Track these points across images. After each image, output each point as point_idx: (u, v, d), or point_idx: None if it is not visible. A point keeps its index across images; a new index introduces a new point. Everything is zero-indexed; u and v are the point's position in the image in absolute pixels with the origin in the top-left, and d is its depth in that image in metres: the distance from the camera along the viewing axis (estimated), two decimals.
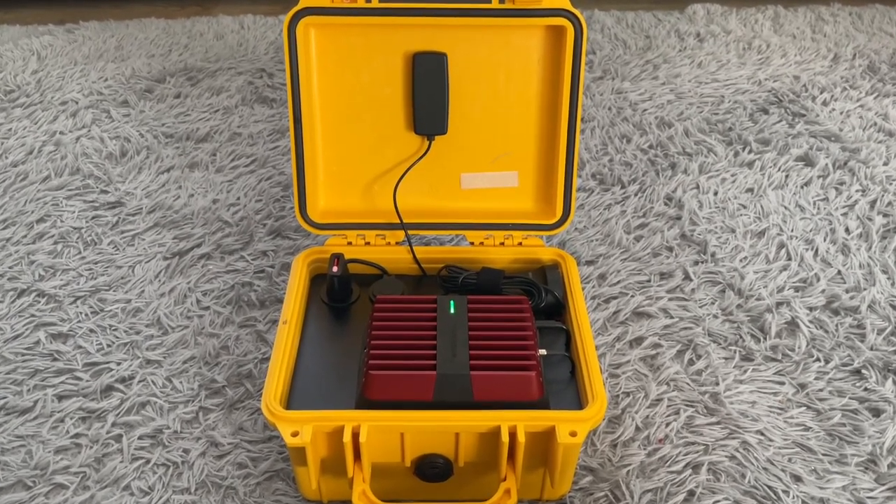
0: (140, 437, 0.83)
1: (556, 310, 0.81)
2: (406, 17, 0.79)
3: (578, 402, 0.73)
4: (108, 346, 0.93)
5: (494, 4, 0.79)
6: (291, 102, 0.82)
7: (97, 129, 1.31)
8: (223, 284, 1.01)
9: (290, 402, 0.73)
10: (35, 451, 0.81)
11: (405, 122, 0.85)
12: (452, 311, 0.74)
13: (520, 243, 0.87)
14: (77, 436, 0.83)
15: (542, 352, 0.73)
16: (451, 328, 0.72)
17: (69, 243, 1.08)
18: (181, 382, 0.88)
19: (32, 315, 0.97)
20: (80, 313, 0.97)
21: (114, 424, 0.84)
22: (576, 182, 0.85)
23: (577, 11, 0.79)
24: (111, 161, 1.24)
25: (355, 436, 0.66)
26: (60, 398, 0.87)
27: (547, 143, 0.86)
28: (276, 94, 1.41)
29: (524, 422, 0.67)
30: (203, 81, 1.45)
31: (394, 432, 0.68)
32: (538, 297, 0.79)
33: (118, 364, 0.90)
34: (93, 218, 1.13)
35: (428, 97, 0.83)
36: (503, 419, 0.67)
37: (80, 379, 0.89)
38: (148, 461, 0.80)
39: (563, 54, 0.81)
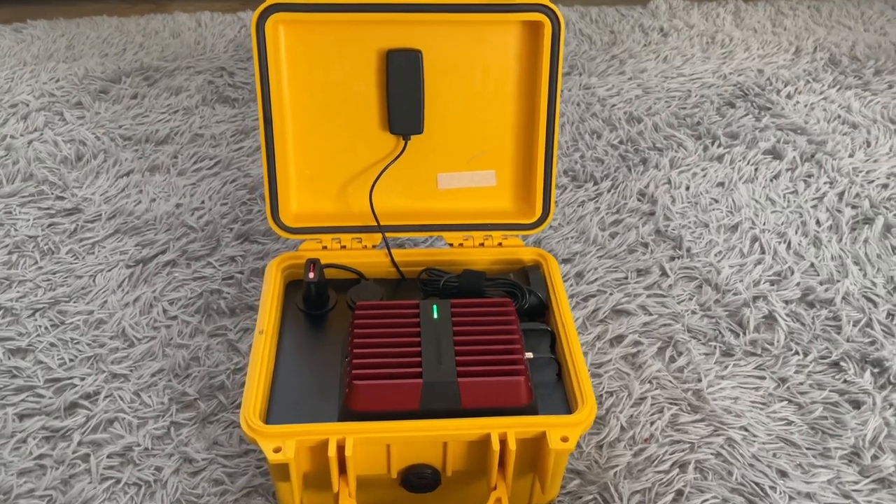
0: (109, 456, 0.79)
1: (539, 311, 0.80)
2: (379, 13, 0.77)
3: (566, 405, 0.72)
4: (71, 360, 0.89)
5: (470, 0, 0.77)
6: (261, 102, 0.78)
7: (50, 133, 1.25)
8: (190, 292, 0.98)
9: (270, 415, 0.70)
10: None
11: (379, 122, 0.82)
12: (436, 316, 0.72)
13: (499, 244, 0.85)
14: (41, 457, 0.79)
15: (529, 355, 0.72)
16: (436, 334, 0.70)
17: (25, 253, 1.03)
18: (150, 397, 0.85)
19: None
20: (40, 326, 0.93)
21: (80, 443, 0.80)
22: (555, 180, 0.84)
23: (554, 7, 0.77)
24: (66, 165, 1.19)
25: (340, 449, 0.64)
26: (21, 417, 0.82)
27: (524, 141, 0.84)
28: (238, 93, 1.37)
29: (514, 428, 0.65)
30: (161, 81, 1.40)
31: (380, 444, 0.65)
32: (521, 298, 0.78)
33: (82, 379, 0.86)
34: (49, 226, 1.08)
35: (403, 96, 0.80)
36: (493, 426, 0.65)
37: (42, 396, 0.84)
38: (118, 481, 0.76)
39: (540, 50, 0.79)
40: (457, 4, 0.77)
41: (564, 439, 0.65)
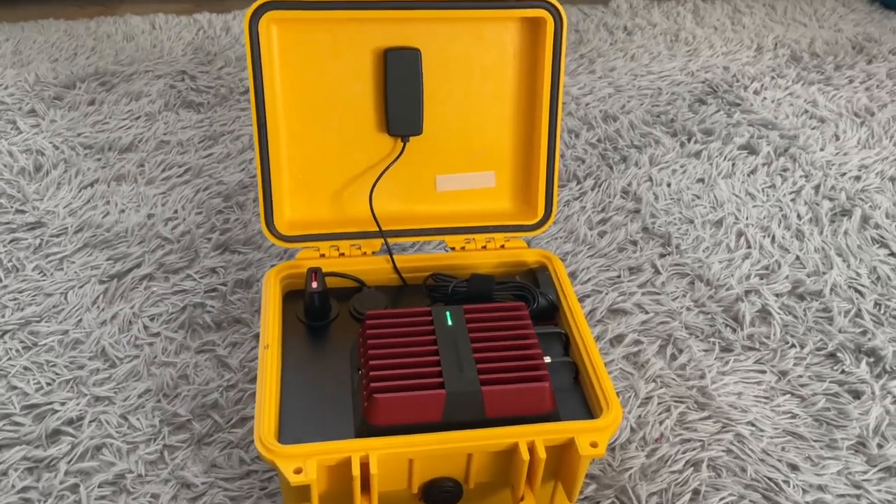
0: (100, 486, 0.74)
1: (548, 313, 0.78)
2: (376, 10, 0.74)
3: (585, 408, 0.70)
4: (49, 384, 0.83)
5: None
6: (254, 104, 0.75)
7: (4, 143, 1.18)
8: (172, 307, 0.93)
9: (282, 434, 0.66)
10: None
11: (376, 123, 0.79)
12: (450, 322, 0.69)
13: (502, 246, 0.83)
14: (25, 489, 0.73)
15: (546, 359, 0.70)
16: (453, 341, 0.67)
17: None
18: (139, 419, 0.80)
19: None
20: (11, 349, 0.86)
21: (67, 473, 0.74)
22: (557, 179, 0.82)
23: (555, 2, 0.76)
24: (24, 177, 1.12)
25: (364, 466, 0.61)
26: (0, 448, 0.77)
27: (524, 141, 0.82)
28: (202, 97, 1.32)
29: (543, 436, 0.63)
30: (119, 86, 1.34)
31: (403, 459, 0.63)
32: (532, 301, 0.76)
33: (63, 404, 0.81)
34: (11, 241, 1.01)
35: (401, 96, 0.78)
36: (520, 435, 0.63)
37: (20, 424, 0.79)
38: None
39: (541, 47, 0.77)
40: (455, 1, 0.75)
41: (594, 444, 0.63)
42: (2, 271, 0.97)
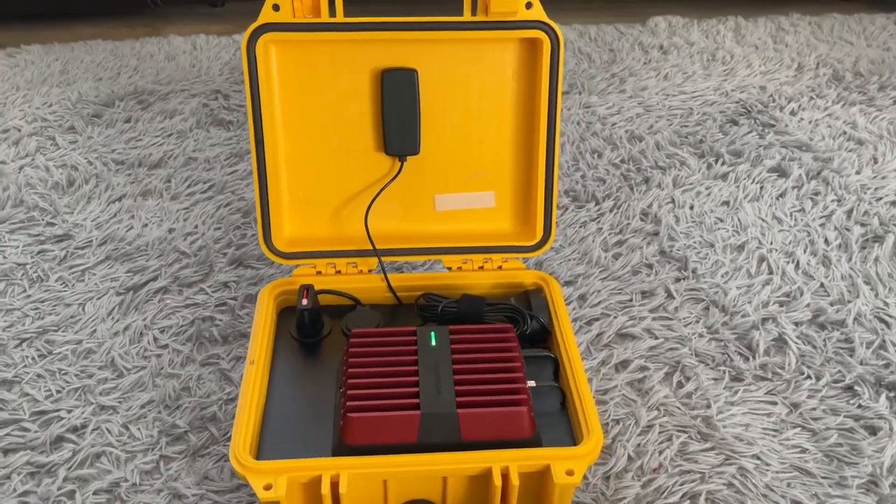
0: (95, 493, 0.75)
1: (541, 336, 0.77)
2: (373, 31, 0.75)
3: (571, 435, 0.69)
4: (58, 392, 0.86)
5: (466, 17, 0.75)
6: (252, 124, 0.76)
7: (42, 158, 1.23)
8: (182, 320, 0.95)
9: (261, 449, 0.67)
10: None
11: (374, 143, 0.80)
12: (434, 343, 0.69)
13: (499, 267, 0.82)
14: (25, 493, 0.75)
15: (531, 383, 0.69)
16: (434, 362, 0.67)
17: (13, 281, 1.00)
18: (139, 429, 0.82)
19: None
20: (27, 357, 0.90)
21: (66, 479, 0.77)
22: (556, 200, 0.81)
23: (553, 23, 0.75)
24: (57, 191, 1.17)
25: (334, 485, 0.61)
26: (6, 452, 0.79)
27: (524, 161, 0.82)
28: (232, 115, 1.35)
29: (517, 461, 0.62)
30: (155, 105, 1.38)
31: (376, 479, 0.62)
32: (523, 323, 0.75)
33: (69, 412, 0.83)
34: (38, 253, 1.05)
35: (398, 116, 0.78)
36: (494, 460, 0.62)
37: (27, 430, 0.81)
38: None
39: (538, 68, 0.77)
40: (452, 22, 0.75)
41: (570, 473, 0.62)
42: (27, 281, 1.01)
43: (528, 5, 0.74)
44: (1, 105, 1.37)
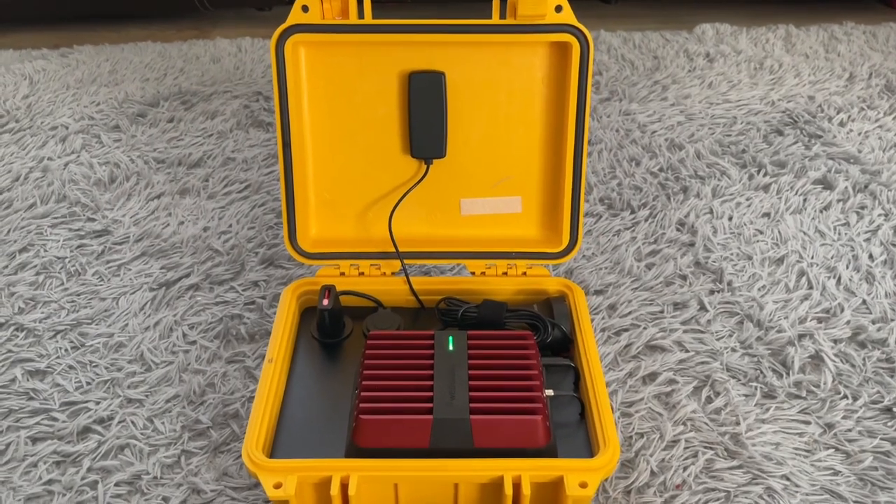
0: (117, 484, 0.77)
1: (563, 345, 0.76)
2: (401, 34, 0.75)
3: (589, 448, 0.67)
4: (88, 383, 0.87)
5: (495, 20, 0.74)
6: (280, 125, 0.77)
7: (86, 155, 1.26)
8: (211, 317, 0.96)
9: (276, 448, 0.67)
10: (4, 500, 0.75)
11: (401, 145, 0.80)
12: (451, 347, 0.68)
13: (524, 273, 0.81)
14: (50, 482, 0.77)
15: (549, 392, 0.68)
16: (450, 367, 0.66)
17: (52, 274, 1.03)
18: (163, 423, 0.83)
19: (10, 350, 0.91)
20: (60, 348, 0.92)
21: (89, 469, 0.78)
22: (583, 207, 0.80)
23: (582, 27, 0.74)
24: (99, 187, 1.20)
25: (344, 487, 0.61)
26: (34, 440, 0.81)
27: (552, 167, 0.81)
28: (272, 117, 1.37)
29: (529, 471, 0.61)
30: (197, 105, 1.41)
31: (387, 483, 0.62)
32: (544, 331, 0.74)
33: (97, 403, 0.85)
34: (78, 247, 1.08)
35: (425, 119, 0.78)
36: (506, 468, 0.61)
37: (56, 420, 0.83)
38: None
39: (568, 72, 0.76)
40: (481, 25, 0.74)
41: (583, 485, 0.60)
42: (65, 274, 1.03)
43: (558, 8, 0.73)
44: (51, 103, 1.41)
